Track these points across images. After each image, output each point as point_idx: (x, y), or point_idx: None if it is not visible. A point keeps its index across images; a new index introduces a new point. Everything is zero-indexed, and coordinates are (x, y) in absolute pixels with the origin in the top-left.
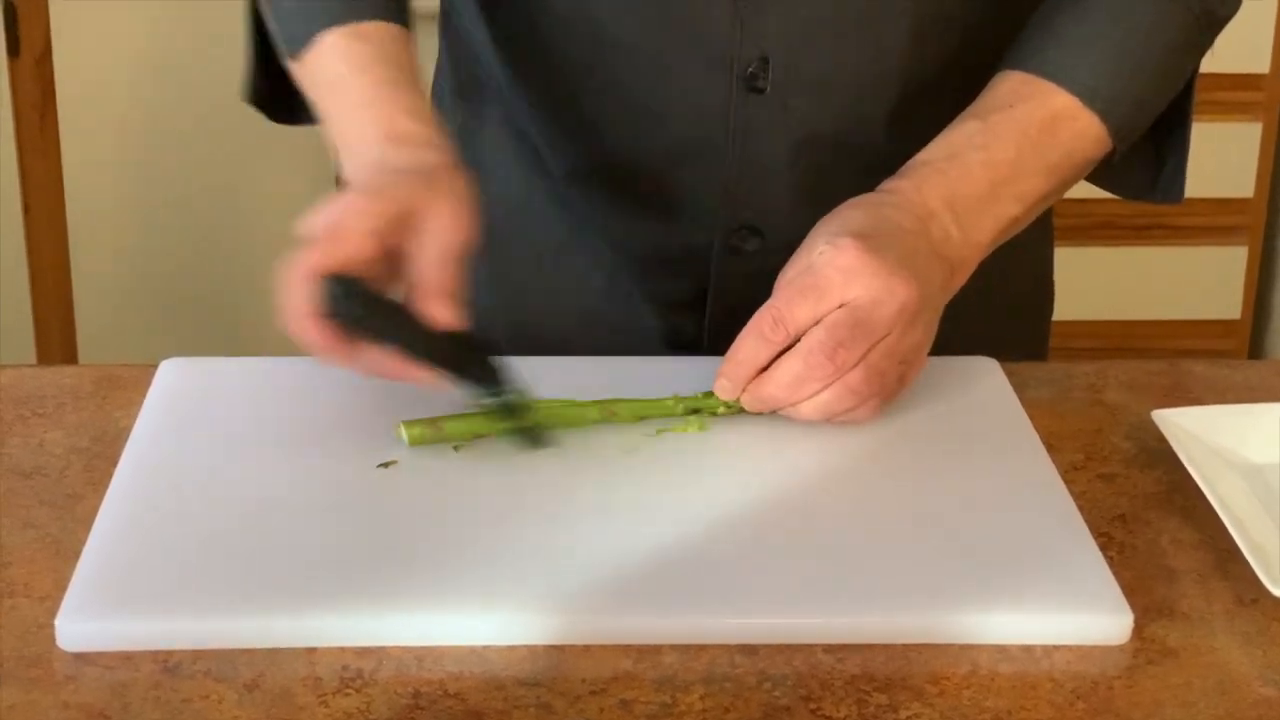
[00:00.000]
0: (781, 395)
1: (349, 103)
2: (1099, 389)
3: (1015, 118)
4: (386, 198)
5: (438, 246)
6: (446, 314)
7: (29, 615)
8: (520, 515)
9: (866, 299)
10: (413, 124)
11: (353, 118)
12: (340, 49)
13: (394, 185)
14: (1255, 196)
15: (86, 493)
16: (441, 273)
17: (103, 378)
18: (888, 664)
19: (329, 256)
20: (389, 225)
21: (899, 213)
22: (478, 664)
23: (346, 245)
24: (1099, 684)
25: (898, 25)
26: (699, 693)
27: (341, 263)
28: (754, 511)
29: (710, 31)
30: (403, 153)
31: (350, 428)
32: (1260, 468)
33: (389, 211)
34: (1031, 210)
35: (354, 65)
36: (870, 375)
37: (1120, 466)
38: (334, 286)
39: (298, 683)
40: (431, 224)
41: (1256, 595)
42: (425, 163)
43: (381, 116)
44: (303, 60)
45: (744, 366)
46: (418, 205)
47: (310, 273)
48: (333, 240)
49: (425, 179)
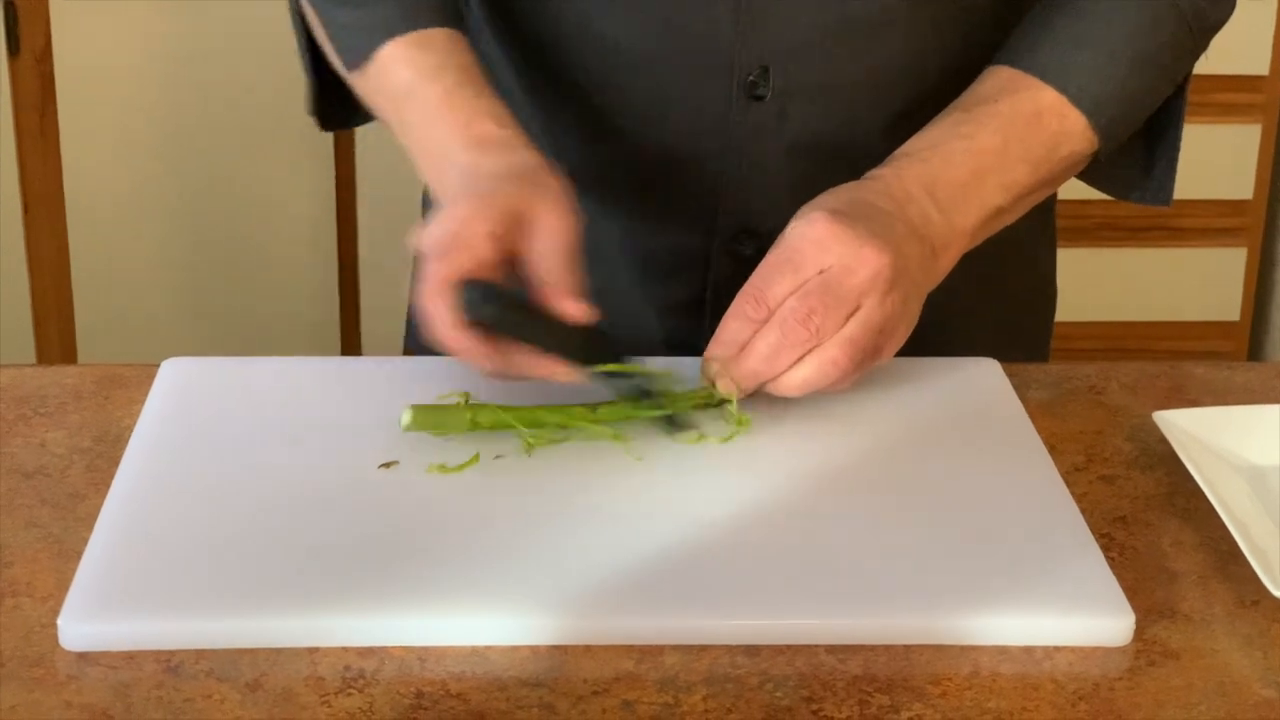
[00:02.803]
0: (762, 368)
1: (424, 112)
2: (1100, 390)
3: (1001, 110)
4: (495, 202)
5: (552, 244)
6: (577, 309)
7: (31, 615)
8: (522, 515)
9: (839, 266)
10: (494, 127)
11: (430, 126)
12: (405, 59)
13: (498, 189)
14: (1255, 198)
15: (88, 492)
16: (562, 269)
17: (105, 377)
18: (889, 665)
19: (457, 265)
20: (505, 228)
21: (876, 196)
22: (480, 664)
23: (471, 252)
24: (1100, 685)
25: (898, 35)
26: (701, 693)
27: (470, 269)
28: (756, 512)
29: (712, 40)
30: (493, 157)
31: (352, 428)
32: (1261, 469)
33: (501, 215)
34: (1018, 202)
35: (422, 74)
36: (848, 348)
37: (1121, 468)
38: (471, 292)
39: (300, 683)
40: (541, 223)
41: (1258, 597)
42: (520, 164)
43: (461, 122)
44: (365, 73)
45: (730, 348)
46: (525, 206)
47: (445, 283)
48: (456, 249)
49: (525, 180)
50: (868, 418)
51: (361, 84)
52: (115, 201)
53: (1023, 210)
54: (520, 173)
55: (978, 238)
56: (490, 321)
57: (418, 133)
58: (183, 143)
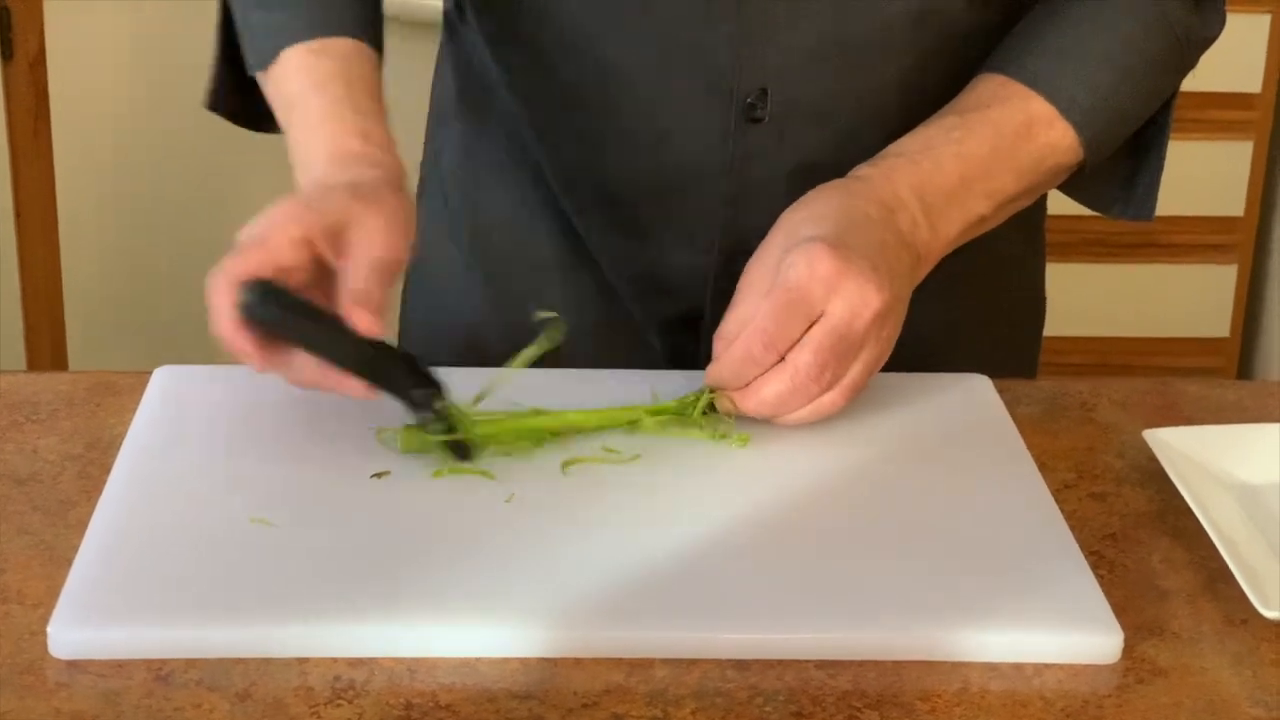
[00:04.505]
0: (764, 413)
1: (304, 120)
2: (1091, 407)
3: (991, 118)
4: (316, 209)
5: (365, 258)
6: (366, 321)
7: (21, 622)
8: (513, 527)
9: (846, 312)
10: (359, 144)
11: (306, 135)
12: (301, 65)
13: (326, 199)
14: (1245, 215)
15: (80, 500)
16: (366, 282)
17: (97, 384)
18: (879, 680)
19: (253, 262)
20: (318, 235)
21: (867, 203)
22: (470, 676)
23: (271, 252)
24: (1089, 703)
25: (896, 57)
26: (690, 707)
27: (265, 269)
28: (746, 526)
29: (710, 62)
30: (346, 170)
31: (343, 438)
32: (1251, 488)
33: (318, 222)
34: (1000, 210)
35: (313, 82)
36: (850, 391)
37: (1111, 485)
38: (250, 291)
39: (290, 693)
40: (361, 237)
41: (1246, 616)
42: (363, 179)
43: (332, 135)
44: (268, 74)
45: (734, 384)
46: (348, 218)
47: (234, 278)
48: (259, 247)
49: (358, 194)
50: (859, 433)
51: (265, 86)
52: (107, 208)
53: (1003, 218)
54: (359, 188)
55: (955, 244)
56: (270, 323)
57: (295, 142)
58: (175, 149)
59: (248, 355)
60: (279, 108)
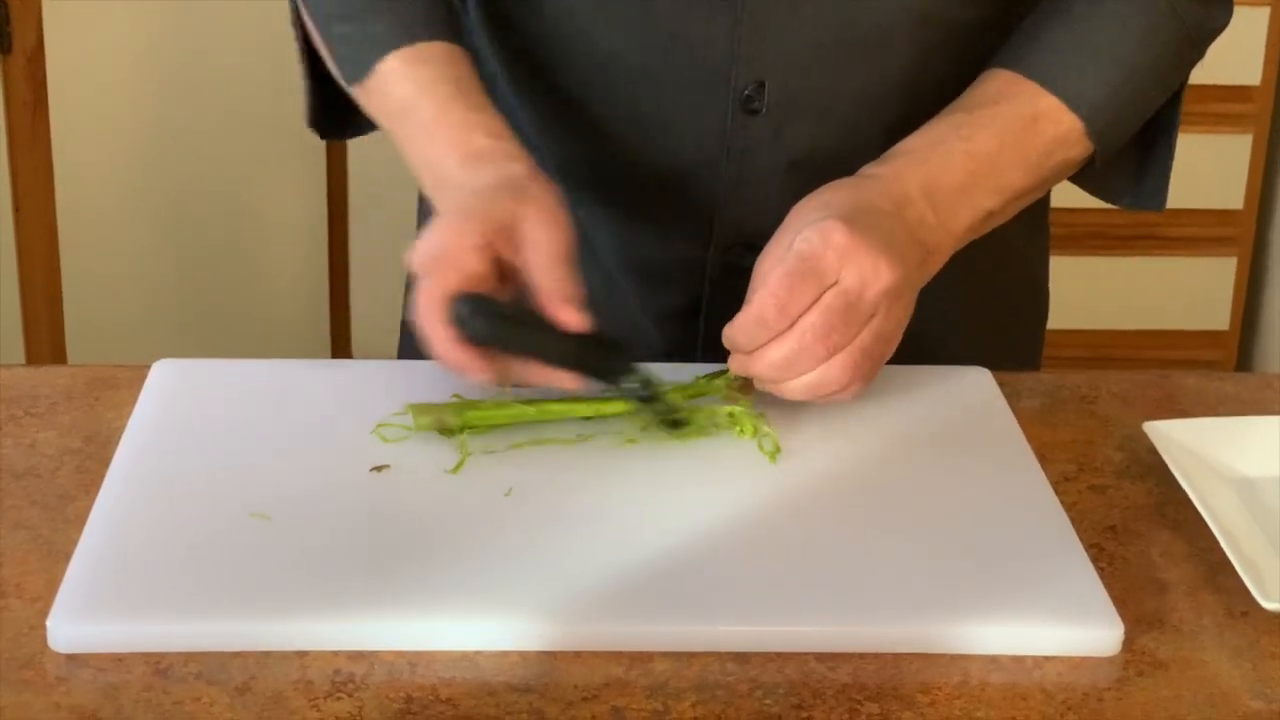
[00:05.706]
0: (771, 375)
1: (421, 127)
2: (1091, 400)
3: (1000, 113)
4: (482, 215)
5: (544, 253)
6: (572, 316)
7: (21, 616)
8: (513, 521)
9: (856, 280)
10: (487, 140)
11: (427, 142)
12: (402, 74)
13: (486, 202)
14: (1245, 208)
15: (78, 494)
16: (556, 277)
17: (95, 378)
18: (879, 673)
19: (447, 280)
20: (495, 238)
21: (877, 197)
22: (469, 669)
23: (459, 266)
24: (1089, 695)
25: (896, 51)
26: (690, 700)
27: (460, 284)
28: (746, 519)
29: (708, 53)
30: (484, 171)
31: (343, 431)
32: (1251, 480)
33: (489, 228)
34: (1009, 205)
35: (419, 89)
36: (858, 358)
37: (1111, 478)
38: (461, 307)
39: (289, 686)
40: (532, 233)
41: (1247, 608)
42: (510, 176)
43: (456, 137)
44: (366, 87)
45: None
46: (514, 218)
47: (437, 301)
48: (445, 264)
49: (514, 192)
50: (859, 426)
51: (363, 98)
52: (106, 201)
53: (1013, 212)
54: (510, 185)
55: (965, 239)
56: (482, 335)
57: (415, 148)
58: (174, 143)
59: (478, 372)
60: (385, 117)
